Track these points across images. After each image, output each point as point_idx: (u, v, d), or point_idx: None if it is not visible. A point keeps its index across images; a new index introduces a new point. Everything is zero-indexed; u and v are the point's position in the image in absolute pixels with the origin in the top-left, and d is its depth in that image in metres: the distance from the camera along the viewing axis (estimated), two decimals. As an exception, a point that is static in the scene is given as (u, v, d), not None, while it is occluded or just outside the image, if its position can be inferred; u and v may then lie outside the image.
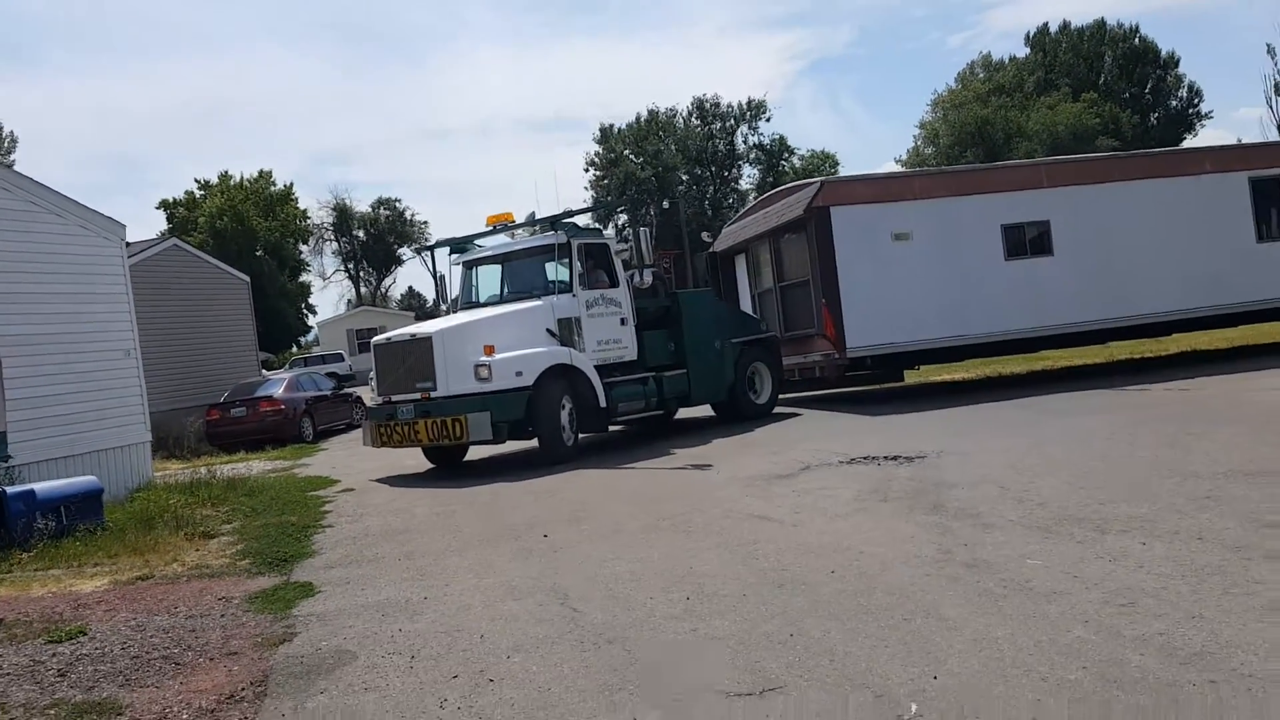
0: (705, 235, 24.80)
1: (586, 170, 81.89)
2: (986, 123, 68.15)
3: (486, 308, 16.43)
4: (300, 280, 66.25)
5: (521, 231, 18.38)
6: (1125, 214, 19.65)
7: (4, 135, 68.70)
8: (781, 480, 11.36)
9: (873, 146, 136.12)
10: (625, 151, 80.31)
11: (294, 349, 63.07)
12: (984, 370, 24.06)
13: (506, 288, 16.89)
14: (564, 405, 15.00)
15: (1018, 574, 6.59)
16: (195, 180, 67.74)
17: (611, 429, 17.10)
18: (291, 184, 67.18)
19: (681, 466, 13.39)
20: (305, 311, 66.41)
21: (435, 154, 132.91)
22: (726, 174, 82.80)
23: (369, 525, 11.52)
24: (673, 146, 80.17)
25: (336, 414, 27.34)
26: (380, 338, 15.98)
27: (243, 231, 56.39)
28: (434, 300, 18.37)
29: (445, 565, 8.88)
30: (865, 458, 12.17)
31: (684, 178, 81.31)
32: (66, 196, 16.38)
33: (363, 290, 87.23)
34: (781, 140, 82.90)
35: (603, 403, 15.47)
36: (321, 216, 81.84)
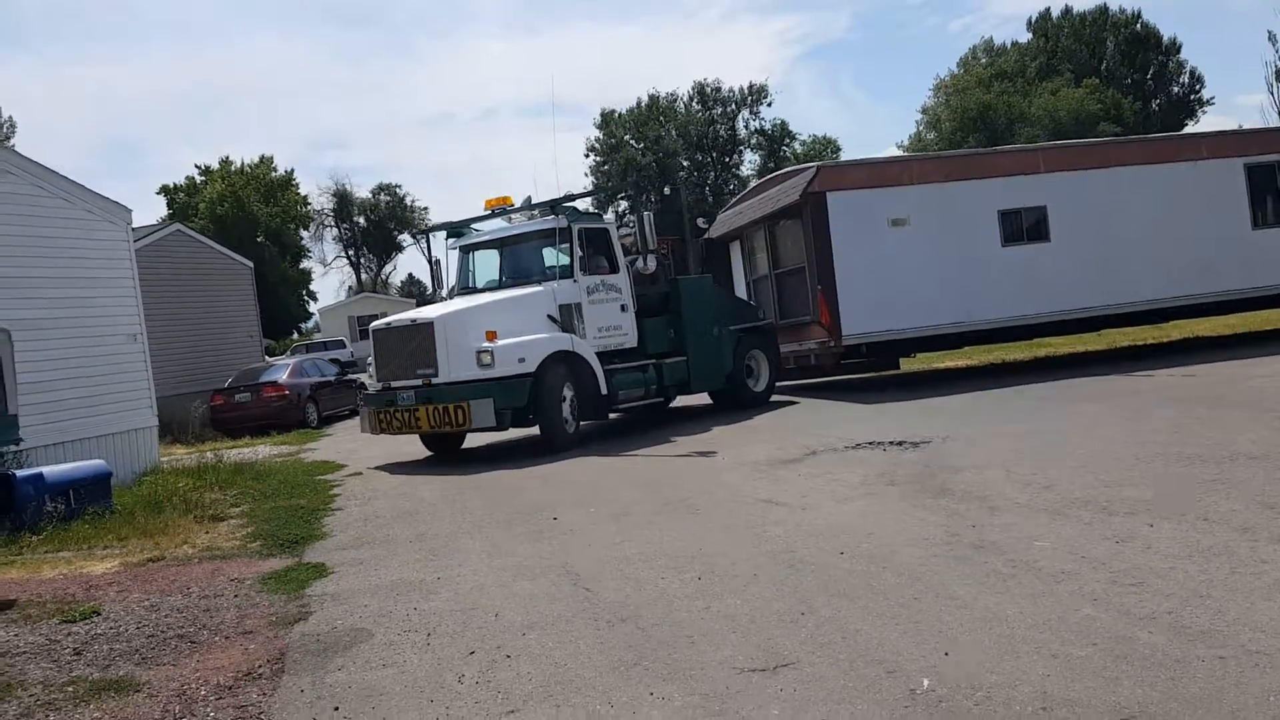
0: (701, 221, 24.76)
1: (587, 156, 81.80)
2: (988, 108, 68.10)
3: (485, 293, 16.30)
4: (301, 267, 66.22)
5: (518, 216, 18.18)
6: (1122, 200, 19.57)
7: (3, 120, 68.71)
8: (788, 465, 11.41)
9: (874, 131, 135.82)
10: (626, 137, 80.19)
11: (295, 335, 63.08)
12: (986, 357, 24.09)
13: (505, 273, 16.76)
14: (565, 392, 14.87)
15: (1026, 555, 6.65)
16: (196, 166, 67.89)
17: (609, 417, 17.01)
18: (292, 170, 67.39)
19: (686, 453, 13.40)
20: (306, 298, 66.46)
21: (435, 140, 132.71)
22: (728, 160, 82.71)
23: (379, 508, 11.59)
24: (674, 132, 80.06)
25: (341, 400, 27.36)
26: (380, 323, 15.82)
27: (243, 217, 56.35)
28: (441, 285, 18.29)
29: (456, 546, 8.95)
30: (870, 443, 12.22)
31: (685, 163, 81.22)
32: (72, 181, 16.42)
33: (363, 277, 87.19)
34: (783, 125, 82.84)
35: (604, 390, 15.35)
36: (322, 202, 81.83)
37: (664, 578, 7.07)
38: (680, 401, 18.63)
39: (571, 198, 17.25)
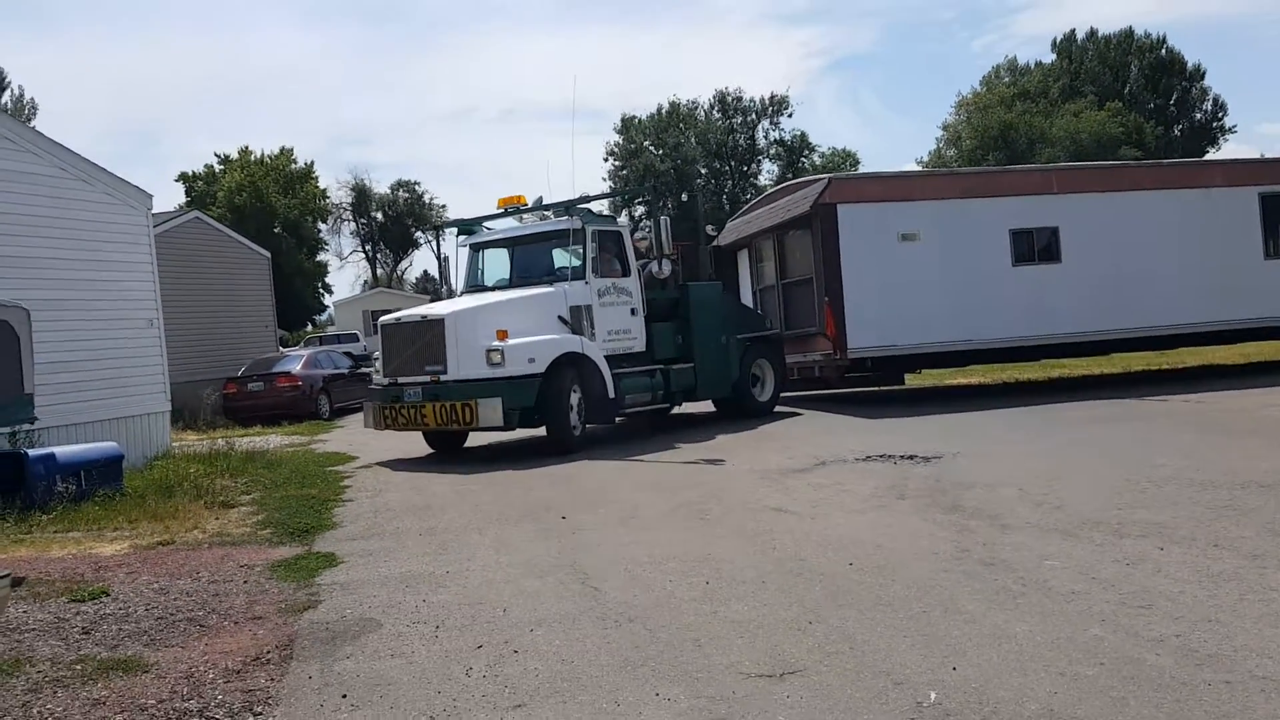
0: (710, 228, 24.67)
1: (606, 160, 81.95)
2: (1010, 127, 67.94)
3: (495, 292, 16.19)
4: (317, 259, 66.18)
5: (530, 216, 17.99)
6: (1134, 224, 19.42)
7: (25, 102, 69.06)
8: (797, 474, 11.42)
9: (894, 146, 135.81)
10: (646, 143, 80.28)
11: (309, 327, 63.18)
12: (999, 376, 24.08)
13: (515, 272, 16.62)
14: (573, 394, 14.76)
15: (1036, 573, 6.66)
16: (215, 154, 67.95)
17: (615, 421, 16.85)
18: (312, 162, 67.02)
19: (693, 459, 13.37)
20: (321, 291, 66.37)
21: (455, 138, 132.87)
22: (746, 169, 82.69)
23: (389, 500, 11.63)
24: (693, 139, 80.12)
25: (353, 392, 27.32)
26: (389, 317, 15.71)
27: (262, 208, 56.26)
28: (447, 282, 18.25)
29: (466, 541, 8.98)
30: (882, 456, 12.22)
31: (703, 171, 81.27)
32: (95, 164, 16.53)
33: (379, 272, 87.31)
34: (802, 136, 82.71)
35: (611, 393, 15.21)
36: (340, 196, 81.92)
37: (672, 580, 7.09)
38: (682, 409, 18.43)
39: (587, 199, 17.23)
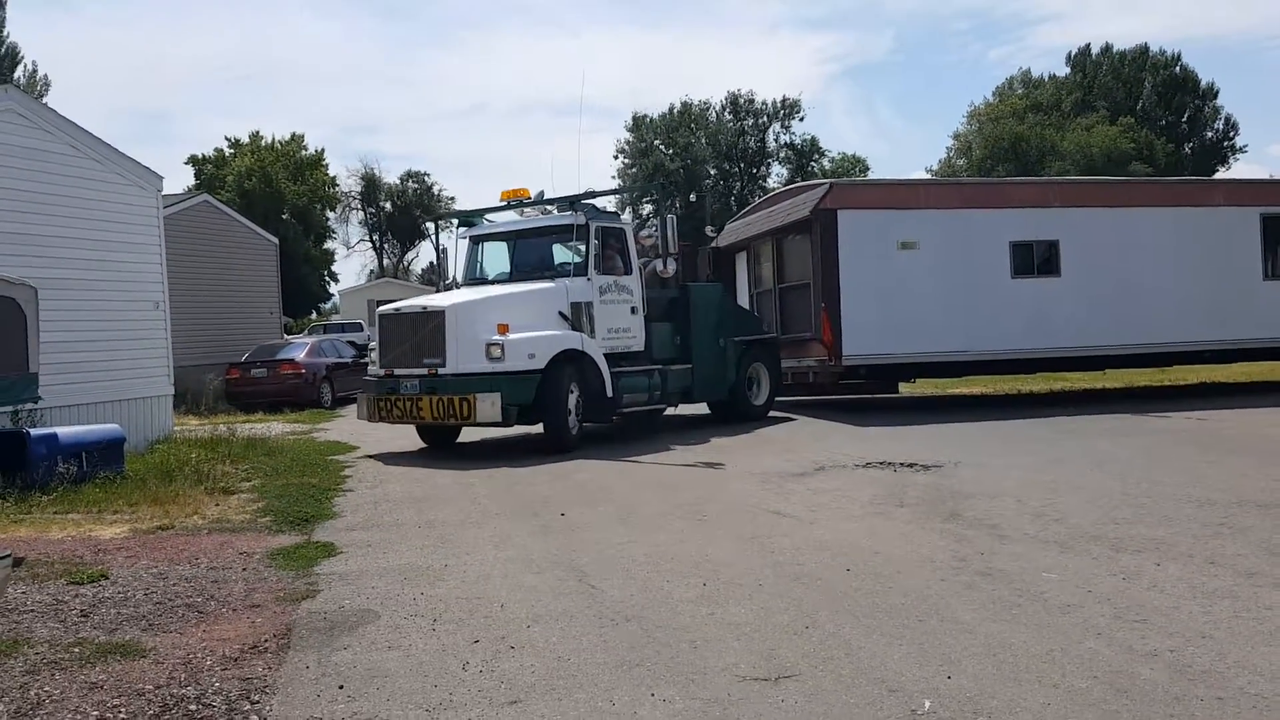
0: (709, 229, 24.62)
1: (616, 158, 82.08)
2: (1021, 139, 67.97)
3: (495, 285, 16.04)
4: (324, 247, 66.16)
5: (531, 210, 17.63)
6: (1134, 240, 19.38)
7: (38, 79, 69.07)
8: (796, 478, 11.44)
9: (905, 154, 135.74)
10: (656, 142, 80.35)
11: (314, 315, 63.21)
12: (1002, 387, 24.04)
13: (515, 266, 16.46)
14: (571, 392, 14.60)
15: (1033, 585, 6.68)
16: (226, 138, 67.85)
17: (612, 420, 16.58)
18: (322, 150, 67.02)
19: (692, 461, 13.36)
20: (327, 279, 66.39)
21: (466, 132, 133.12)
22: (755, 171, 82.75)
23: (389, 491, 11.65)
24: (703, 140, 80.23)
25: (356, 382, 27.21)
26: (388, 307, 15.48)
27: (270, 193, 56.20)
28: (444, 274, 18.15)
29: (465, 535, 9.00)
30: (882, 463, 12.25)
31: (712, 172, 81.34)
32: (106, 143, 16.55)
33: (385, 262, 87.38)
34: (813, 141, 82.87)
35: (609, 392, 15.05)
36: (350, 185, 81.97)
37: (669, 581, 7.11)
38: (674, 411, 18.25)
39: (593, 195, 16.91)
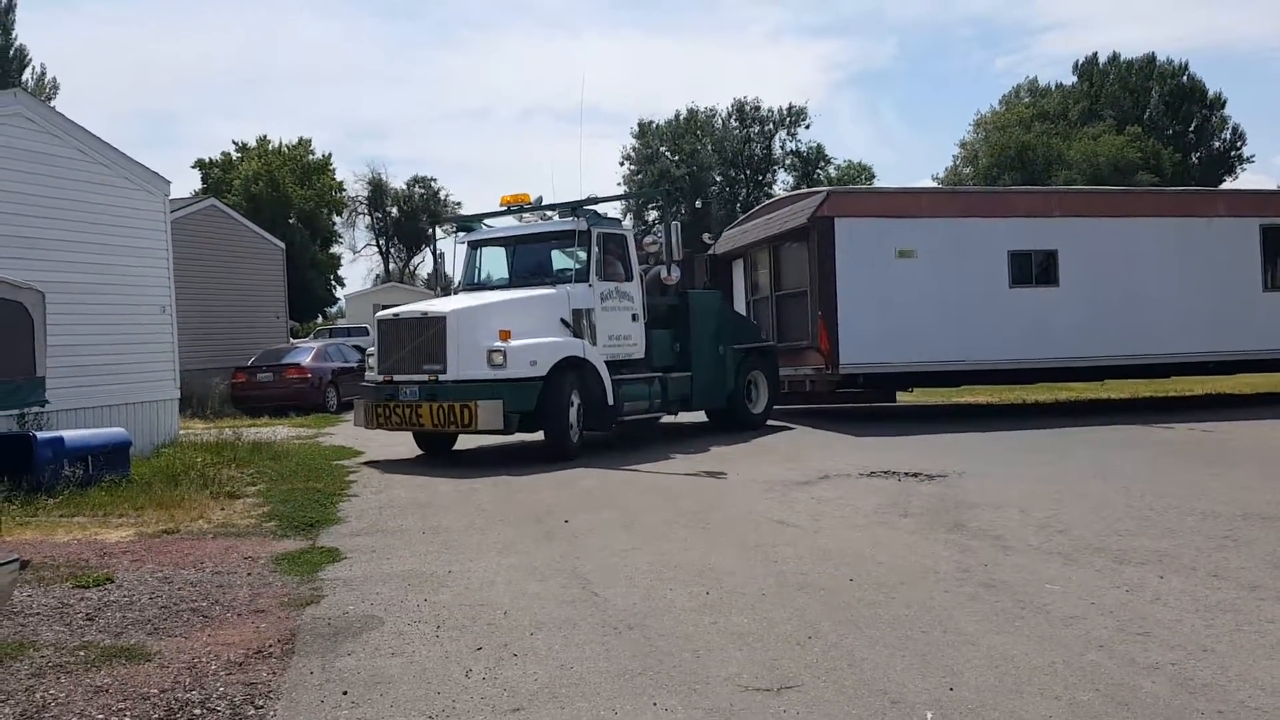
0: (706, 236, 24.56)
1: (622, 164, 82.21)
2: (1028, 148, 68.00)
3: (495, 291, 15.83)
4: (331, 251, 66.34)
5: (530, 216, 17.59)
6: (1134, 250, 19.29)
7: (47, 81, 69.30)
8: (800, 487, 11.43)
9: (911, 161, 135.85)
10: (662, 148, 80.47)
11: (320, 319, 63.30)
12: (1006, 396, 24.03)
13: (515, 272, 16.26)
14: (573, 400, 14.44)
15: (1036, 597, 6.68)
16: (233, 142, 68.16)
17: (613, 428, 16.26)
18: (329, 154, 67.35)
19: (694, 469, 13.28)
20: (334, 283, 66.54)
21: (472, 136, 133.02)
22: (761, 178, 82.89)
23: (393, 497, 11.68)
24: (709, 147, 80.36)
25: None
26: (387, 313, 15.32)
27: (277, 198, 56.37)
28: (442, 279, 18.07)
29: (468, 541, 9.02)
30: (886, 472, 12.25)
31: (718, 179, 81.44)
32: (114, 148, 16.61)
33: (392, 266, 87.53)
34: (819, 149, 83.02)
35: (610, 400, 14.89)
36: (357, 190, 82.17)
37: (672, 589, 7.12)
38: (671, 419, 18.11)
39: (595, 200, 16.78)
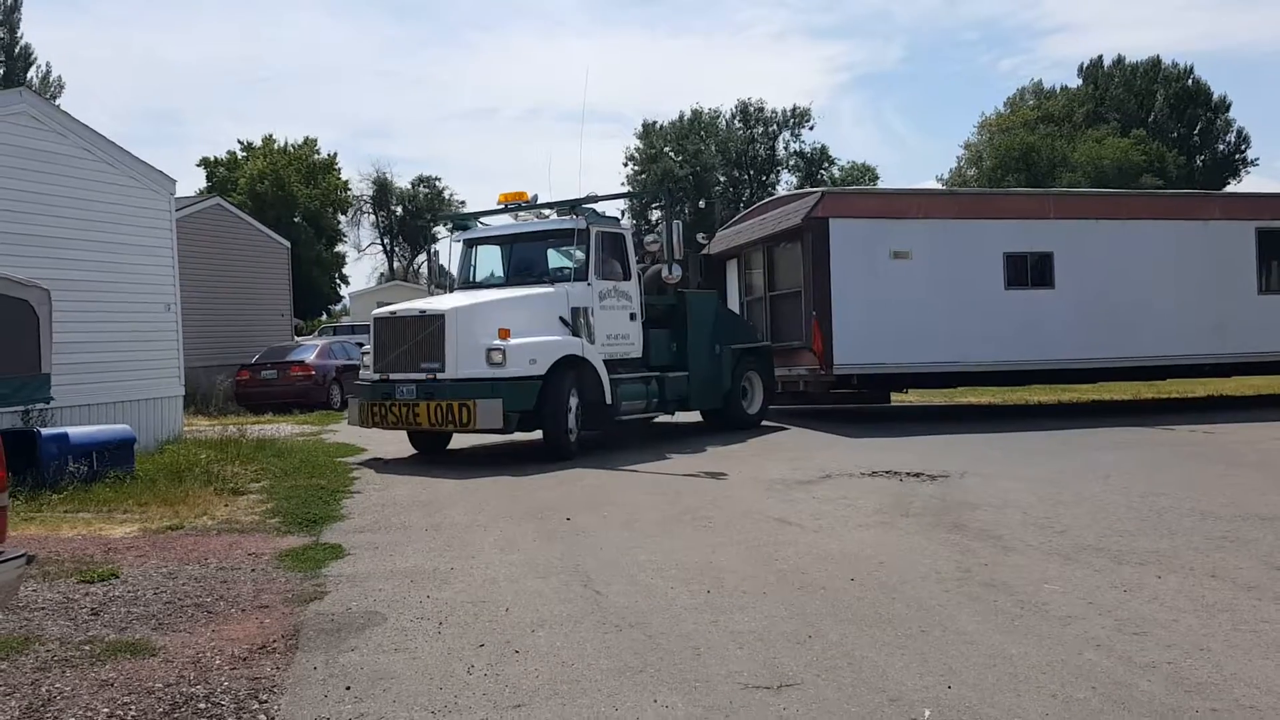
0: (701, 236, 24.46)
1: (626, 165, 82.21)
2: (1032, 150, 67.91)
3: (492, 289, 15.74)
4: (336, 250, 66.36)
5: (526, 214, 17.23)
6: (1129, 253, 19.28)
7: (52, 80, 69.43)
8: (801, 487, 11.47)
9: (915, 163, 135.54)
10: (666, 149, 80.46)
11: (324, 317, 63.37)
12: (1009, 398, 24.02)
13: (511, 271, 16.23)
14: (572, 399, 14.34)
15: (1035, 596, 6.73)
16: (238, 141, 68.26)
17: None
18: (335, 154, 67.41)
19: (694, 468, 13.23)
20: (338, 281, 66.60)
21: (477, 136, 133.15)
22: (765, 179, 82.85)
23: (396, 494, 11.72)
24: (713, 147, 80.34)
25: (364, 385, 27.42)
26: (383, 310, 15.21)
27: (283, 197, 56.36)
28: (435, 277, 17.98)
29: (471, 539, 9.07)
30: (887, 472, 12.28)
31: (721, 179, 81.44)
32: (119, 146, 16.67)
33: (396, 265, 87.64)
34: (823, 150, 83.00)
35: (608, 400, 14.78)
36: (362, 189, 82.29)
37: (674, 588, 7.17)
38: (667, 419, 18.00)
39: (594, 198, 16.59)
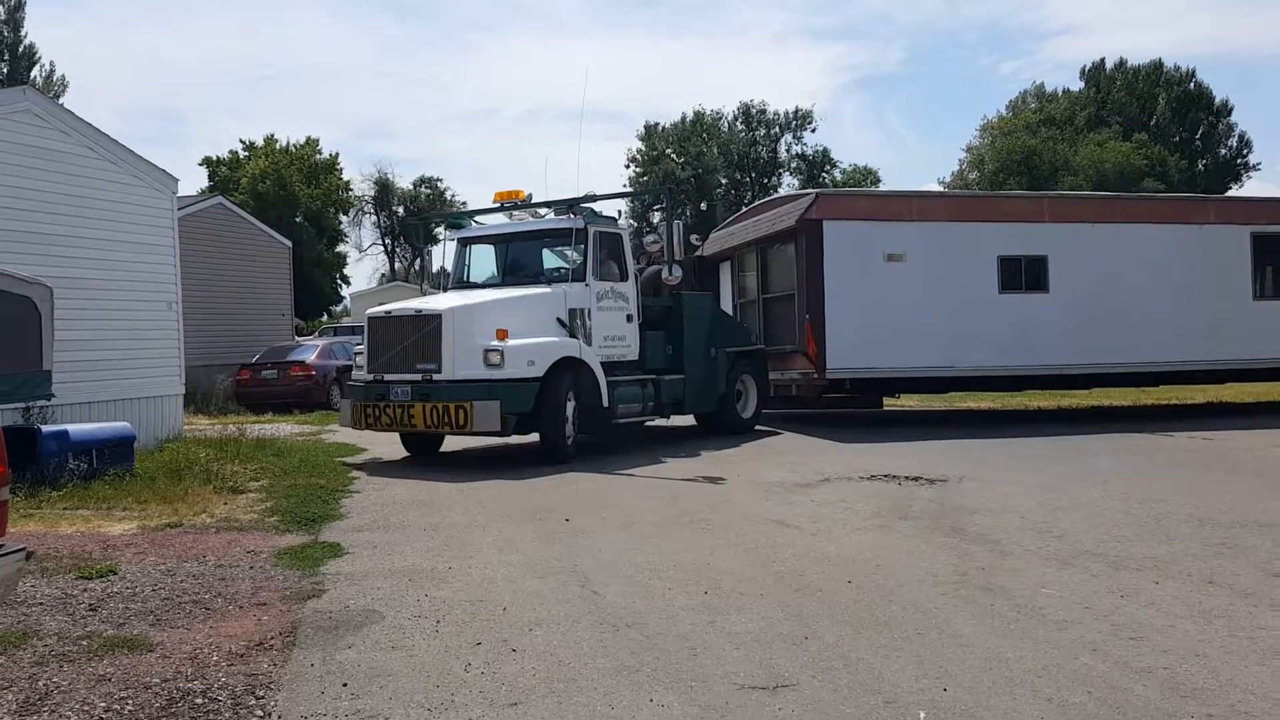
0: (695, 238, 24.37)
1: (628, 166, 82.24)
2: (1034, 153, 67.89)
3: (487, 289, 15.57)
4: (337, 251, 66.33)
5: (520, 214, 17.21)
6: (1124, 257, 19.16)
7: (55, 79, 69.47)
8: (800, 489, 11.49)
9: (917, 165, 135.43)
10: (668, 150, 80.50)
11: (325, 318, 63.38)
12: (1008, 403, 23.98)
13: (506, 270, 16.06)
14: (569, 401, 14.13)
15: (1032, 601, 6.74)
16: (240, 141, 68.17)
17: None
18: (337, 154, 67.38)
19: (692, 472, 13.18)
20: (339, 281, 66.58)
21: (478, 136, 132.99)
22: (767, 181, 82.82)
23: (395, 494, 11.72)
24: (715, 149, 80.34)
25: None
26: (378, 310, 15.01)
27: (284, 197, 56.31)
28: (423, 277, 17.85)
29: (469, 539, 9.08)
30: (886, 476, 12.29)
31: (723, 181, 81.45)
32: (122, 145, 16.70)
33: (397, 266, 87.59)
34: (825, 152, 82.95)
35: (605, 402, 14.53)
36: (363, 189, 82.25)
37: (671, 589, 7.18)
38: (654, 424, 17.79)
39: (593, 198, 16.35)
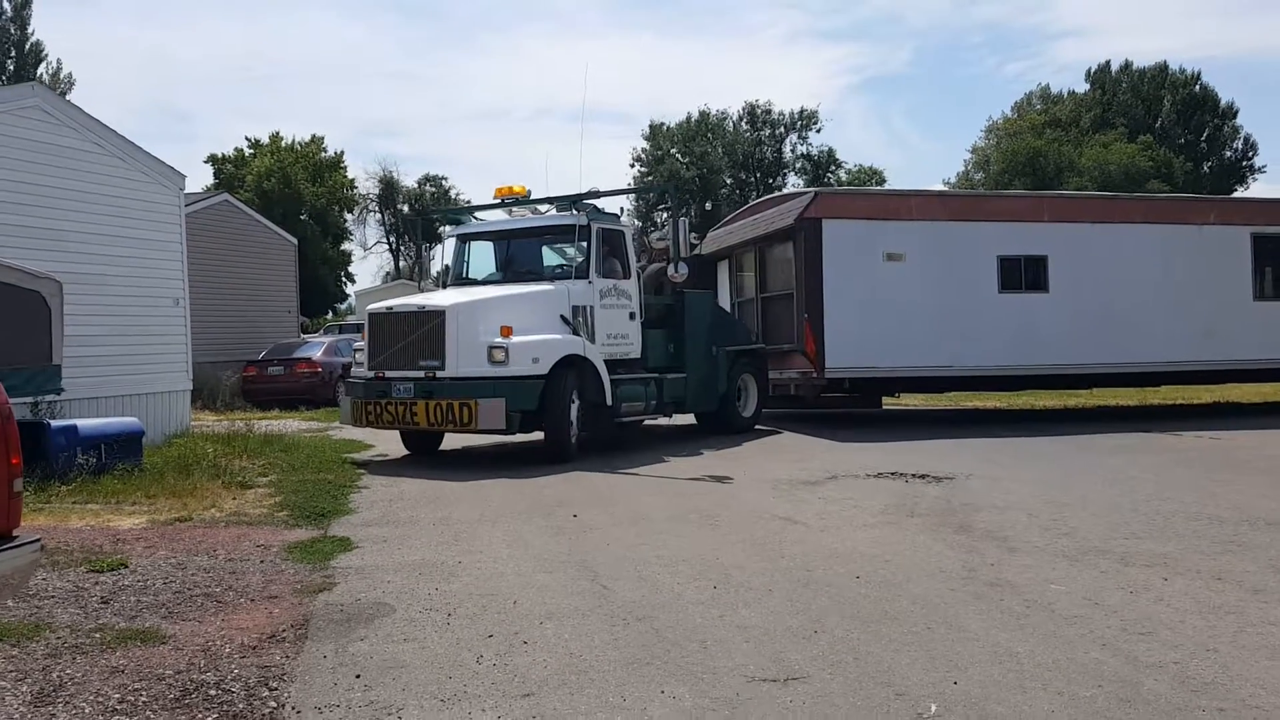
0: (694, 237, 24.33)
1: (633, 166, 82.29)
2: (1039, 154, 67.87)
3: (489, 286, 15.42)
4: (342, 248, 66.36)
5: (520, 211, 16.70)
6: (1124, 257, 19.09)
7: (62, 77, 69.59)
8: (807, 487, 11.50)
9: (922, 166, 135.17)
10: (673, 150, 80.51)
11: (330, 315, 63.42)
12: (1016, 402, 23.96)
13: (507, 267, 15.96)
14: (573, 400, 14.00)
15: (1041, 596, 6.75)
16: (246, 138, 68.30)
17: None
18: (342, 152, 67.32)
19: (697, 469, 13.16)
20: (344, 279, 66.66)
21: (485, 136, 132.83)
22: (771, 181, 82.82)
23: (404, 489, 11.76)
24: (720, 149, 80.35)
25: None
26: (380, 306, 14.81)
27: (290, 194, 56.36)
28: (422, 274, 17.81)
29: (478, 533, 9.11)
30: (893, 473, 12.30)
31: (728, 181, 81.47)
32: (130, 141, 16.78)
33: (402, 264, 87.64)
34: (830, 153, 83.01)
35: (608, 401, 14.44)
36: (368, 187, 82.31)
37: (680, 583, 7.20)
38: (653, 423, 17.80)
39: (596, 194, 16.18)
